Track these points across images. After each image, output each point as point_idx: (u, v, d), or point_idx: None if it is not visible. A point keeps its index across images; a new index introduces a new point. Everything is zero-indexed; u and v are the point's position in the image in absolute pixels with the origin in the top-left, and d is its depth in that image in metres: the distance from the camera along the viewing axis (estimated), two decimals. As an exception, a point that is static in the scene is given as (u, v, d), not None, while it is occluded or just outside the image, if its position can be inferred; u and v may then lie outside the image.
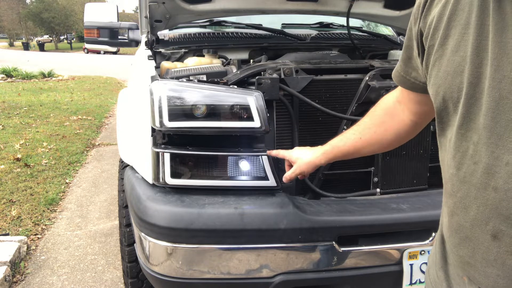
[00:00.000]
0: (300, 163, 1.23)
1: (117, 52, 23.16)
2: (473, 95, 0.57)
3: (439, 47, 0.63)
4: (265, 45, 2.27)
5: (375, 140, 1.01)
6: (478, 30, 0.57)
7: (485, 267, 0.59)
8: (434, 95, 0.66)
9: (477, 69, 0.56)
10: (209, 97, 1.40)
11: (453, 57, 0.60)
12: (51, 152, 4.50)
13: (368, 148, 1.05)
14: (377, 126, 1.00)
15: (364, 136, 1.03)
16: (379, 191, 1.58)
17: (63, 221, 3.00)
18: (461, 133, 0.61)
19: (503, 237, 0.56)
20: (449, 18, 0.62)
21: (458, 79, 0.59)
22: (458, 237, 0.63)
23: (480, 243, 0.59)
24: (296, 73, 1.54)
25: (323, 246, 1.32)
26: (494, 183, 0.55)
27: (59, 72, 13.19)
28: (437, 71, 0.64)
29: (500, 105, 0.54)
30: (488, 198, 0.57)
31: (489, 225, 0.57)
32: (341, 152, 1.11)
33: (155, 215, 1.31)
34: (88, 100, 8.36)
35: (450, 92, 0.61)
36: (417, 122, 0.92)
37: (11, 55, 24.37)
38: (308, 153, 1.21)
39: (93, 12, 2.81)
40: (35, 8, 40.58)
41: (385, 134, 0.99)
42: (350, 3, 2.24)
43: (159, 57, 2.14)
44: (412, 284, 1.39)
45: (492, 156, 0.55)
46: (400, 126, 0.95)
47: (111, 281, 2.28)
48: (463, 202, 0.61)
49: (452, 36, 0.61)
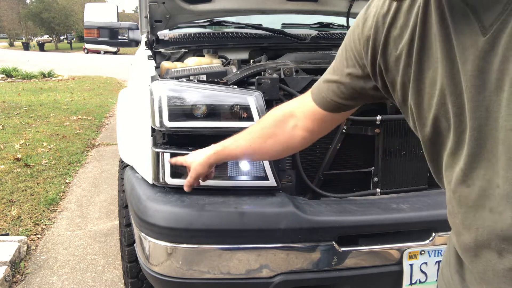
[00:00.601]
0: (194, 166, 1.21)
1: (117, 52, 23.18)
2: (460, 125, 0.59)
3: (414, 82, 0.64)
4: (265, 45, 2.27)
5: (264, 150, 1.04)
6: (448, 63, 0.58)
7: (498, 283, 0.60)
8: (420, 127, 0.67)
9: (458, 99, 0.58)
10: (209, 97, 1.40)
11: (432, 90, 0.62)
12: (51, 152, 4.50)
13: (257, 155, 1.09)
14: (267, 137, 1.02)
15: (253, 145, 1.05)
16: (379, 191, 1.58)
17: (63, 221, 3.00)
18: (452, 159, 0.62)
19: (507, 254, 0.56)
20: (418, 53, 0.63)
21: (443, 109, 0.61)
22: (469, 255, 0.64)
23: (488, 261, 0.60)
24: (296, 73, 1.54)
25: (323, 246, 1.32)
26: (489, 204, 0.56)
27: (59, 72, 13.20)
28: (418, 104, 0.65)
29: (482, 132, 0.55)
30: (485, 219, 0.58)
31: (491, 244, 0.58)
32: (232, 155, 1.13)
33: (155, 215, 1.31)
34: (88, 100, 8.36)
35: (439, 121, 0.62)
36: (307, 138, 0.96)
37: (11, 55, 24.38)
38: (201, 154, 1.20)
39: (93, 12, 2.81)
40: (35, 8, 40.59)
41: (274, 146, 1.02)
42: (350, 3, 2.24)
43: (159, 57, 2.14)
44: (412, 284, 1.39)
45: (485, 179, 0.56)
46: (289, 140, 0.98)
47: (111, 281, 2.28)
48: (464, 224, 0.62)
49: (427, 70, 0.62)
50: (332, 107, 0.86)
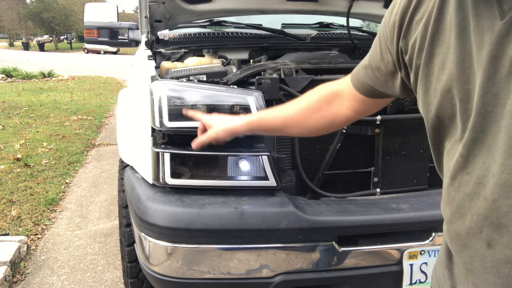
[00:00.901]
0: (217, 128, 1.15)
1: (117, 52, 23.17)
2: (465, 112, 0.59)
3: (424, 66, 0.65)
4: (265, 45, 2.27)
5: (307, 124, 1.02)
6: (461, 49, 0.58)
7: (483, 274, 0.60)
8: (425, 113, 0.68)
9: (465, 86, 0.58)
10: (209, 97, 1.40)
11: (440, 75, 0.62)
12: (51, 152, 4.50)
13: (296, 129, 1.05)
14: (313, 112, 0.99)
15: (297, 117, 1.02)
16: (379, 191, 1.58)
17: (63, 221, 3.00)
18: (456, 145, 0.63)
19: (496, 245, 0.57)
20: (431, 38, 0.63)
21: (449, 96, 0.61)
22: (457, 245, 0.65)
23: (476, 251, 0.60)
24: (296, 73, 1.54)
25: (323, 246, 1.32)
26: (484, 193, 0.57)
27: (59, 72, 13.20)
28: (425, 89, 0.66)
29: (487, 119, 0.56)
30: (480, 207, 0.58)
31: (483, 233, 0.58)
32: (267, 126, 1.09)
33: (155, 215, 1.31)
34: (88, 100, 8.36)
35: (443, 108, 0.63)
36: (352, 117, 0.95)
37: (11, 55, 24.38)
38: (229, 120, 1.14)
39: (93, 12, 2.81)
40: (35, 8, 40.58)
41: (319, 122, 1.00)
42: (350, 3, 2.24)
43: (159, 57, 2.14)
44: (412, 284, 1.39)
45: (483, 167, 0.57)
46: (335, 118, 0.97)
47: (111, 281, 2.28)
48: (459, 211, 0.63)
49: (437, 55, 0.63)
50: (368, 92, 0.86)
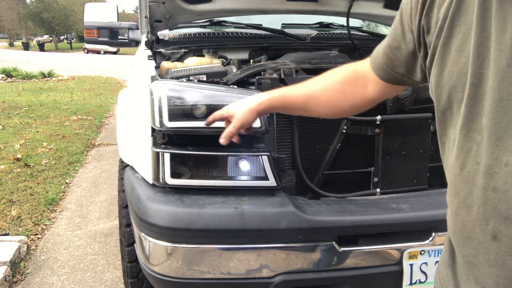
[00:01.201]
0: (240, 114, 1.09)
1: (117, 52, 23.15)
2: (474, 96, 0.58)
3: (442, 46, 0.64)
4: (265, 45, 2.27)
5: (331, 104, 0.98)
6: (480, 31, 0.57)
7: (486, 267, 0.60)
8: (438, 95, 0.66)
9: (479, 70, 0.57)
10: (209, 97, 1.40)
11: (458, 57, 0.61)
12: (51, 152, 4.50)
13: (319, 108, 1.00)
14: (338, 92, 0.96)
15: (322, 96, 0.98)
16: (379, 191, 1.58)
17: (63, 221, 3.00)
18: (464, 133, 0.61)
19: (502, 237, 0.56)
20: (451, 18, 0.62)
21: (463, 79, 0.60)
22: (461, 237, 0.64)
23: (481, 243, 0.60)
24: (296, 73, 1.54)
25: (323, 246, 1.32)
26: (493, 183, 0.56)
27: (59, 72, 13.19)
28: (440, 71, 0.64)
29: (500, 106, 0.54)
30: (489, 198, 0.57)
31: (489, 225, 0.58)
32: (290, 103, 1.04)
33: (155, 215, 1.31)
34: (88, 100, 8.36)
35: (455, 91, 0.61)
36: (375, 99, 0.93)
37: (11, 55, 24.37)
38: (249, 100, 1.09)
39: (93, 12, 2.81)
40: (35, 8, 40.57)
41: (343, 102, 0.97)
42: (350, 3, 2.24)
43: (159, 57, 2.14)
44: (412, 284, 1.39)
45: (492, 157, 0.56)
46: (359, 99, 0.94)
47: (111, 281, 2.28)
48: (466, 202, 0.62)
49: (456, 36, 0.61)
50: (387, 77, 0.84)
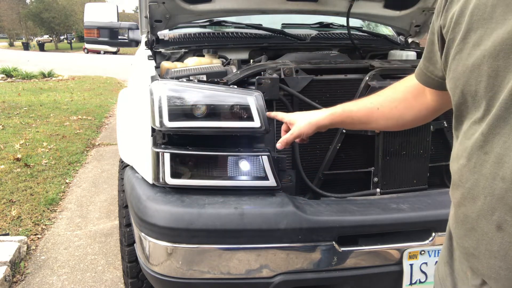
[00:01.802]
0: (300, 124, 1.13)
1: (117, 52, 23.15)
2: (491, 88, 0.58)
3: (460, 41, 0.64)
4: (265, 45, 2.27)
5: (393, 115, 0.96)
6: (501, 24, 0.57)
7: (488, 259, 0.60)
8: (453, 89, 0.67)
9: (495, 62, 0.57)
10: (209, 97, 1.40)
11: (474, 51, 0.61)
12: (51, 152, 4.50)
13: (381, 121, 0.99)
14: (400, 102, 0.95)
15: (383, 108, 0.97)
16: (379, 191, 1.58)
17: (63, 221, 3.00)
18: (474, 126, 0.62)
19: (507, 227, 0.56)
20: (472, 12, 0.62)
21: (476, 72, 0.60)
22: (463, 228, 0.64)
23: (484, 234, 0.60)
24: (296, 73, 1.54)
25: (323, 246, 1.32)
26: (502, 173, 0.56)
27: (59, 72, 13.19)
28: (456, 65, 0.65)
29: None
30: (496, 188, 0.57)
31: (494, 215, 0.58)
32: (351, 118, 1.04)
33: (155, 215, 1.31)
34: (88, 100, 8.36)
35: (469, 85, 0.62)
36: (437, 109, 0.92)
37: (11, 55, 24.37)
38: (312, 113, 1.13)
39: (93, 12, 2.80)
40: (35, 8, 40.56)
41: (405, 112, 0.95)
42: (350, 3, 2.24)
43: (159, 57, 2.14)
44: (412, 284, 1.39)
45: (504, 146, 0.56)
46: (422, 108, 0.93)
47: (111, 281, 2.28)
48: (471, 193, 0.62)
49: (475, 30, 0.62)
50: (427, 80, 0.83)
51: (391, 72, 1.58)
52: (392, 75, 1.59)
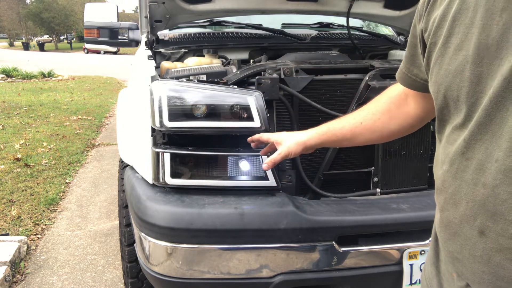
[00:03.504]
0: (289, 144, 1.13)
1: (117, 52, 23.14)
2: (473, 95, 0.58)
3: (442, 45, 0.64)
4: (265, 45, 2.27)
5: (377, 127, 0.97)
6: (481, 29, 0.57)
7: (471, 263, 0.60)
8: (435, 93, 0.67)
9: (478, 68, 0.57)
10: (209, 97, 1.40)
11: (456, 55, 0.61)
12: (51, 152, 4.50)
13: (366, 135, 1.00)
14: (382, 114, 0.96)
15: (366, 122, 0.98)
16: (379, 191, 1.58)
17: (63, 221, 3.00)
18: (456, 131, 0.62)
19: (489, 233, 0.57)
20: (453, 17, 0.62)
21: (459, 77, 0.60)
22: (447, 233, 0.65)
23: (467, 239, 0.60)
24: (296, 73, 1.54)
25: (323, 246, 1.32)
26: (484, 179, 0.57)
27: (59, 72, 13.19)
28: (438, 69, 0.65)
29: (494, 103, 0.55)
30: (478, 194, 0.58)
31: (476, 221, 0.58)
32: (336, 136, 1.05)
33: (155, 215, 1.31)
34: (88, 100, 8.36)
35: (451, 90, 0.62)
36: (422, 116, 0.91)
37: (11, 55, 24.37)
38: (299, 134, 1.13)
39: (93, 12, 2.81)
40: (35, 8, 40.55)
41: (389, 123, 0.95)
42: (350, 3, 2.24)
43: (159, 57, 2.14)
44: (412, 284, 1.39)
45: (485, 153, 0.56)
46: (405, 118, 0.93)
47: (111, 281, 2.28)
48: (453, 198, 0.62)
49: (456, 34, 0.62)
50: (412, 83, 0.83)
51: (391, 72, 1.58)
52: (392, 75, 1.59)
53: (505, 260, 0.56)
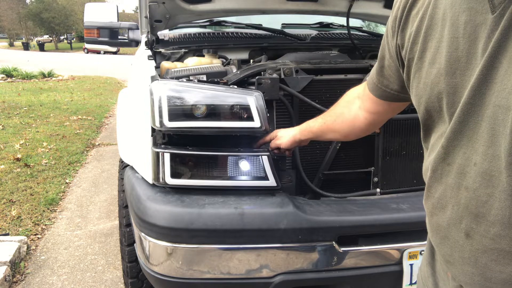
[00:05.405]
0: (281, 139, 1.35)
1: (117, 52, 23.17)
2: (452, 105, 0.60)
3: (418, 60, 0.66)
4: (265, 45, 2.27)
5: (335, 129, 1.11)
6: (450, 43, 0.60)
7: (462, 265, 0.62)
8: (417, 106, 0.69)
9: (453, 80, 0.59)
10: (209, 97, 1.40)
11: (431, 69, 0.63)
12: (51, 152, 4.50)
13: (330, 134, 1.15)
14: (337, 116, 1.08)
15: (327, 122, 1.13)
16: (379, 191, 1.58)
17: (63, 221, 3.00)
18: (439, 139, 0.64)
19: (474, 235, 0.58)
20: (425, 32, 0.65)
21: (436, 89, 0.62)
22: (438, 237, 0.67)
23: (456, 242, 0.62)
24: (296, 73, 1.54)
25: (323, 246, 1.32)
26: (465, 182, 0.59)
27: (59, 72, 13.19)
28: (417, 83, 0.67)
29: (465, 110, 0.57)
30: (461, 197, 0.60)
31: (462, 223, 0.60)
32: (312, 133, 1.23)
33: (155, 215, 1.31)
34: (88, 100, 8.36)
35: (431, 102, 0.64)
36: (371, 120, 0.98)
37: (11, 55, 24.37)
38: (289, 131, 1.35)
39: (93, 12, 2.81)
40: (35, 8, 40.55)
41: (342, 126, 1.07)
42: (350, 3, 2.24)
43: (159, 57, 2.14)
44: (412, 284, 1.39)
45: (464, 157, 0.58)
46: (355, 121, 1.02)
47: (111, 281, 2.28)
48: (440, 203, 0.64)
49: (429, 49, 0.64)
50: (382, 94, 0.87)
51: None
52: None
53: (490, 261, 0.57)
